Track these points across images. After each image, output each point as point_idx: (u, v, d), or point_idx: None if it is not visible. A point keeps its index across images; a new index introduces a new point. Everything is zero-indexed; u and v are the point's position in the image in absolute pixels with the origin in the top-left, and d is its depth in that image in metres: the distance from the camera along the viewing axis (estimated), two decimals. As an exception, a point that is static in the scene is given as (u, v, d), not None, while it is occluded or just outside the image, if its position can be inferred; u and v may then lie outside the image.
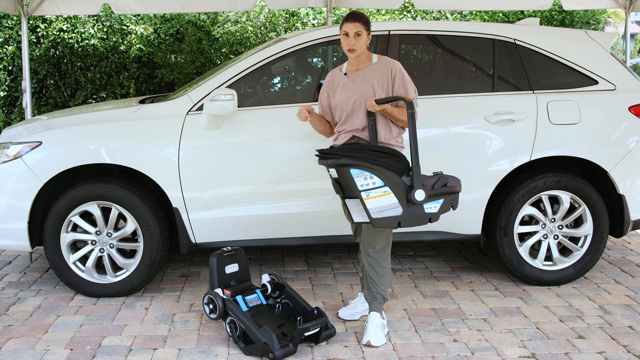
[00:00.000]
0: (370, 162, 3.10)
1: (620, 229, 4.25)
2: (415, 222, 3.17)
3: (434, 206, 3.20)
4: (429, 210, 3.18)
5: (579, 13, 8.31)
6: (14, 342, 3.42)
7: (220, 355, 3.24)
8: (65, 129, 4.03)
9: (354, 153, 3.16)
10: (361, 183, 3.11)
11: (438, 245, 5.20)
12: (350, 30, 3.34)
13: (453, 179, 3.27)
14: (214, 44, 8.17)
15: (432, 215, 3.20)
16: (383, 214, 3.10)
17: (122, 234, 3.99)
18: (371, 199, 3.10)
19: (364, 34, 3.35)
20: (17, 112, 7.95)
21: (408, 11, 8.62)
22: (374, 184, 3.10)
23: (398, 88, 3.37)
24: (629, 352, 3.26)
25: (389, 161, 3.14)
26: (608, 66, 4.22)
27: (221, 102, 3.76)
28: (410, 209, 3.13)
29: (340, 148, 3.27)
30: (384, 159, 3.14)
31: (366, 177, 3.10)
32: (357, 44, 3.35)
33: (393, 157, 3.19)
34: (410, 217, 3.14)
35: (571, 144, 4.06)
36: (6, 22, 7.84)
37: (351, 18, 3.36)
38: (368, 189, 3.10)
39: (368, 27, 3.37)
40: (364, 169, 3.10)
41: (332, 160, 3.21)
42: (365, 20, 3.36)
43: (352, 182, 3.12)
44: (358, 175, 3.11)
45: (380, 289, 3.41)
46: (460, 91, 4.15)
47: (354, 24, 3.34)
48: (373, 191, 3.10)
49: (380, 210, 3.10)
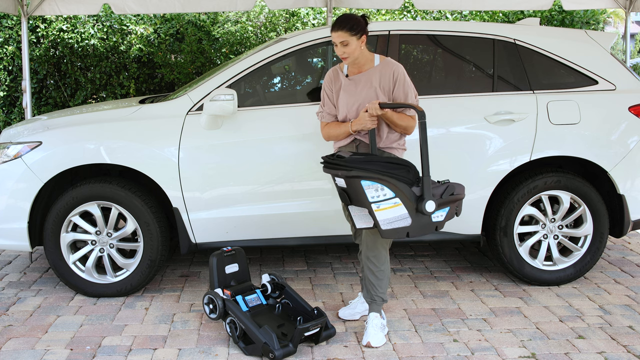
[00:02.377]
0: (382, 174, 3.06)
1: (620, 229, 4.25)
2: (423, 231, 3.16)
3: (441, 215, 3.19)
4: (436, 219, 3.17)
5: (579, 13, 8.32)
6: (14, 342, 3.42)
7: (220, 355, 3.24)
8: (65, 129, 4.03)
9: (366, 165, 3.10)
10: (372, 195, 3.07)
11: (438, 245, 5.20)
12: (335, 40, 3.29)
13: (459, 186, 3.26)
14: (214, 44, 8.17)
15: (439, 223, 3.19)
16: (392, 225, 3.09)
17: (122, 234, 3.99)
18: (381, 211, 3.07)
19: (352, 40, 3.26)
20: (17, 112, 7.95)
21: (408, 11, 8.63)
22: (385, 195, 3.06)
23: (397, 92, 3.33)
24: (629, 352, 3.26)
25: (400, 172, 3.10)
26: (608, 66, 4.22)
27: (221, 102, 3.76)
28: (419, 219, 3.12)
29: (352, 159, 3.17)
30: (395, 170, 3.10)
31: (377, 188, 3.06)
32: (347, 51, 3.29)
33: (404, 167, 3.15)
34: (418, 227, 3.13)
35: (571, 144, 4.06)
36: (6, 22, 7.84)
37: (334, 27, 3.29)
38: (379, 201, 3.07)
39: (357, 31, 3.26)
40: (375, 181, 3.06)
41: (343, 172, 3.14)
42: (349, 25, 3.25)
43: (363, 193, 3.08)
44: (369, 187, 3.06)
45: (380, 292, 3.41)
46: (460, 91, 4.15)
47: (337, 34, 3.27)
48: (384, 203, 3.07)
49: (390, 222, 3.09)
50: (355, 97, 3.37)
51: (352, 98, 3.38)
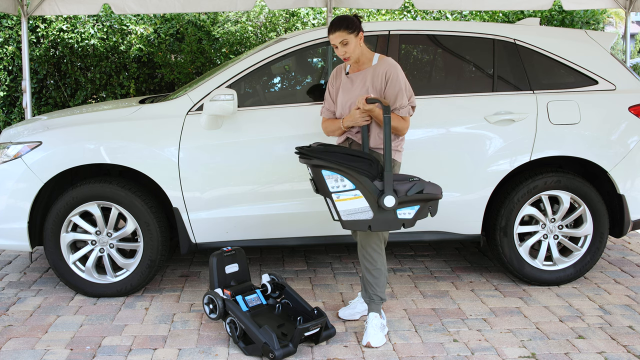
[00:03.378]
0: (341, 164, 3.09)
1: (620, 229, 4.25)
2: (386, 227, 3.16)
3: (409, 212, 3.17)
4: (402, 216, 3.16)
5: (579, 13, 8.32)
6: (14, 342, 3.42)
7: (220, 355, 3.24)
8: (65, 129, 4.03)
9: (327, 155, 3.14)
10: (332, 185, 3.13)
11: (438, 245, 5.20)
12: (335, 41, 3.31)
13: (432, 185, 3.22)
14: (214, 44, 8.17)
15: (407, 221, 3.18)
16: (353, 216, 3.13)
17: (122, 234, 3.99)
18: (342, 201, 3.13)
19: (352, 38, 3.28)
20: (17, 112, 7.95)
21: (408, 11, 8.63)
22: (345, 186, 3.11)
23: (388, 91, 3.32)
24: (629, 352, 3.26)
25: (361, 165, 3.12)
26: (608, 66, 4.22)
27: (221, 102, 3.76)
28: (382, 214, 3.13)
29: (315, 149, 3.23)
30: (355, 163, 3.12)
31: (337, 179, 3.12)
32: (348, 51, 3.31)
33: (366, 161, 3.15)
34: (381, 222, 3.13)
35: (571, 144, 4.06)
36: (6, 22, 7.84)
37: (332, 29, 3.30)
38: (339, 191, 3.12)
39: (354, 29, 3.28)
40: (335, 171, 3.11)
41: (306, 160, 3.22)
42: (346, 24, 3.28)
43: (324, 182, 3.15)
44: (329, 177, 3.13)
45: (378, 291, 3.41)
46: (460, 91, 4.15)
47: (336, 34, 3.29)
48: (343, 194, 3.12)
49: (349, 213, 3.13)
50: (349, 95, 3.39)
51: (347, 95, 3.41)
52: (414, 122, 3.75)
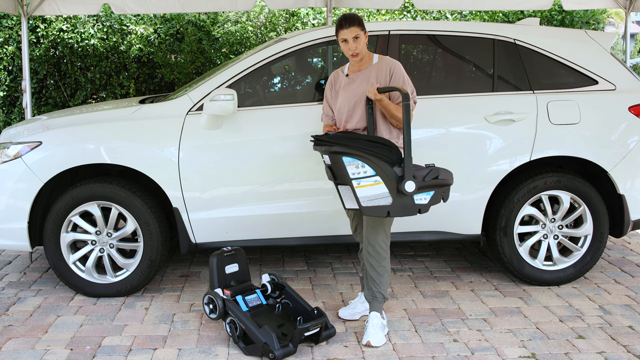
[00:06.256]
0: (362, 151, 3.13)
1: (620, 229, 4.25)
2: (404, 212, 3.19)
3: (425, 197, 3.22)
4: (419, 202, 3.20)
5: (579, 13, 8.32)
6: (14, 342, 3.42)
7: (220, 355, 3.24)
8: (65, 129, 4.02)
9: (348, 142, 3.18)
10: (353, 171, 3.15)
11: (438, 245, 5.20)
12: (348, 36, 3.33)
13: (445, 171, 3.29)
14: (214, 44, 8.17)
15: (422, 206, 3.22)
16: (373, 202, 3.15)
17: (122, 234, 3.99)
18: (362, 188, 3.15)
19: (362, 35, 3.35)
20: (17, 112, 7.95)
21: (408, 11, 8.63)
22: (365, 172, 3.14)
23: (393, 84, 3.36)
24: (629, 352, 3.26)
25: (381, 151, 3.16)
26: (608, 66, 4.22)
27: (221, 102, 3.76)
28: (400, 200, 3.16)
29: (335, 136, 3.28)
30: (377, 149, 3.16)
31: (358, 165, 3.14)
32: (358, 47, 3.36)
33: (386, 147, 3.20)
34: (399, 207, 3.17)
35: (571, 144, 4.06)
36: (6, 22, 7.84)
37: (346, 24, 3.33)
38: (359, 178, 3.15)
39: (363, 26, 3.36)
40: (356, 157, 3.14)
41: (326, 147, 3.24)
42: (358, 20, 3.35)
43: (344, 169, 3.17)
44: (350, 163, 3.15)
45: (381, 289, 3.42)
46: (460, 91, 4.15)
47: (350, 29, 3.32)
48: (364, 180, 3.14)
49: (370, 199, 3.15)
50: (353, 93, 3.42)
51: (350, 94, 3.43)
52: (414, 122, 3.76)
